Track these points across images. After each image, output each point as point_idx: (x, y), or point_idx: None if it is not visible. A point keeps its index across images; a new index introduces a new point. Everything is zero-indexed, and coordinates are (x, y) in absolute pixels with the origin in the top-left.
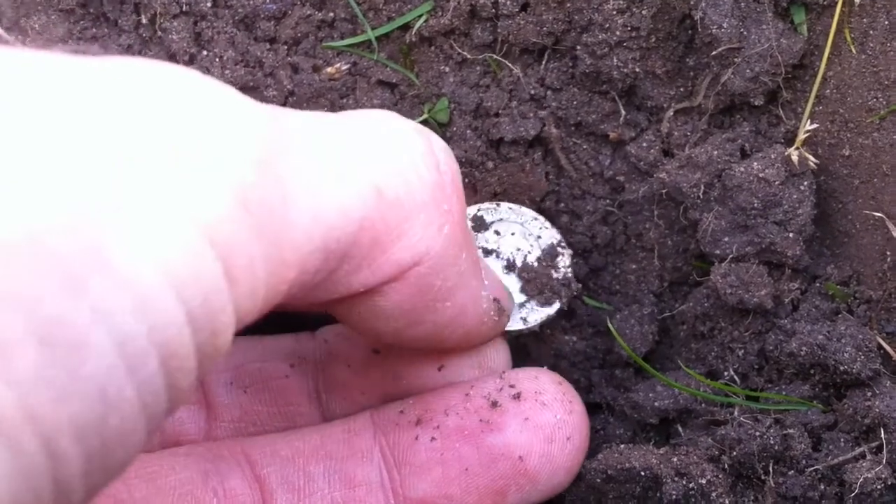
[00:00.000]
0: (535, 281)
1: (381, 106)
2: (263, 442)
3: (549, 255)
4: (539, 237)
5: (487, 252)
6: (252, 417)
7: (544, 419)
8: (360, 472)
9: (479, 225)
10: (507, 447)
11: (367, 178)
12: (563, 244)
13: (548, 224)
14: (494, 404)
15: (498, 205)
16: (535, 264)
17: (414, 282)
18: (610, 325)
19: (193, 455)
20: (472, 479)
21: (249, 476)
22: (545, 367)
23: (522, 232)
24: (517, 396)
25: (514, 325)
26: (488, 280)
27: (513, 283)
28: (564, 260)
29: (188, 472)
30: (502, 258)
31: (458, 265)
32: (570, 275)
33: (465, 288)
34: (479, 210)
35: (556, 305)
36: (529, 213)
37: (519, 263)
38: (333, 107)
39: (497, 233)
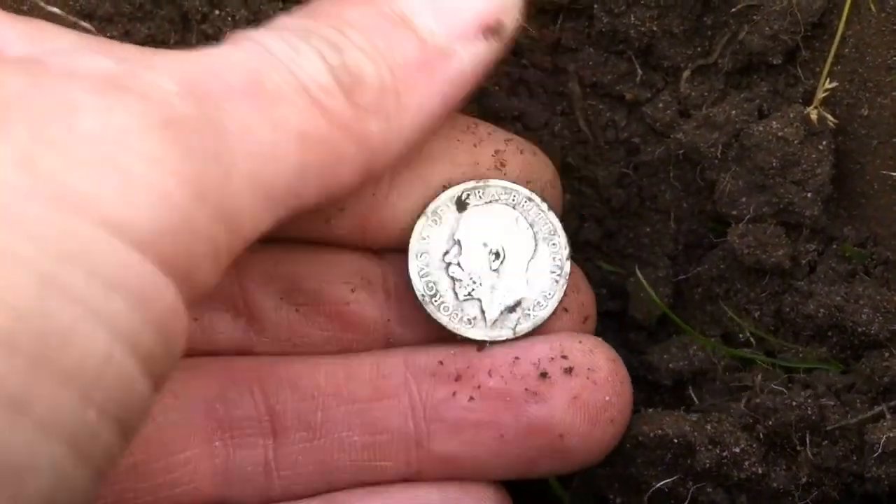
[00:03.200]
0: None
1: None
2: (283, 369)
3: (541, 254)
4: (532, 225)
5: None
6: (302, 339)
7: (593, 400)
8: (384, 419)
9: (463, 209)
10: (550, 423)
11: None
12: (559, 232)
13: (544, 206)
14: (543, 375)
15: (487, 183)
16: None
17: (375, 143)
18: (638, 274)
19: (203, 374)
20: (505, 447)
21: (262, 407)
22: (600, 339)
23: (514, 217)
24: (569, 371)
25: (504, 333)
26: (457, 26)
27: (505, 279)
28: (560, 252)
29: (192, 396)
30: (491, 251)
31: (407, 113)
32: (566, 268)
33: (432, 100)
34: (463, 192)
35: (553, 303)
36: (524, 192)
37: (509, 266)
38: None
39: (483, 221)
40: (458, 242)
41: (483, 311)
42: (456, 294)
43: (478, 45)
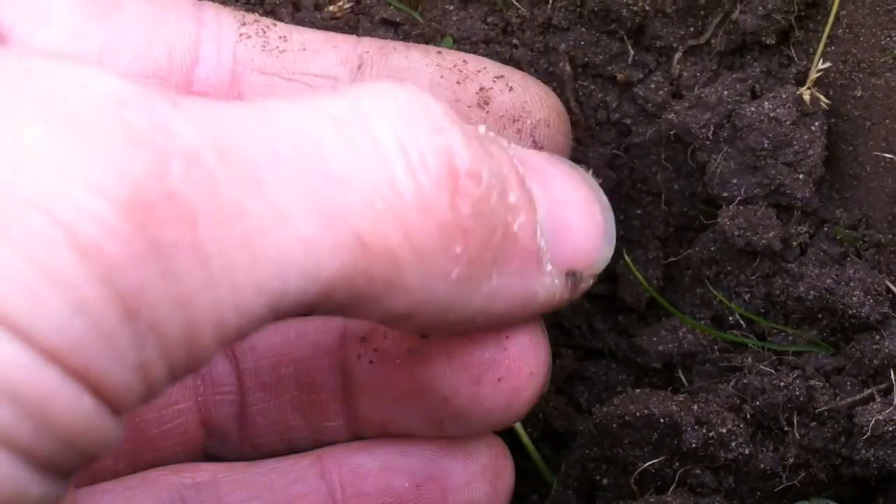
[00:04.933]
0: None
1: None
2: None
3: None
4: None
5: None
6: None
7: (471, 359)
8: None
9: None
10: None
11: (344, 224)
12: None
13: None
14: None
15: None
16: None
17: (420, 323)
18: (626, 258)
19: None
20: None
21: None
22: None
23: None
24: None
25: None
26: (561, 252)
27: None
28: None
29: None
30: None
31: (480, 293)
32: None
33: (502, 300)
34: None
35: None
36: None
37: None
38: None
39: None
40: None
41: None
42: None
43: (559, 278)
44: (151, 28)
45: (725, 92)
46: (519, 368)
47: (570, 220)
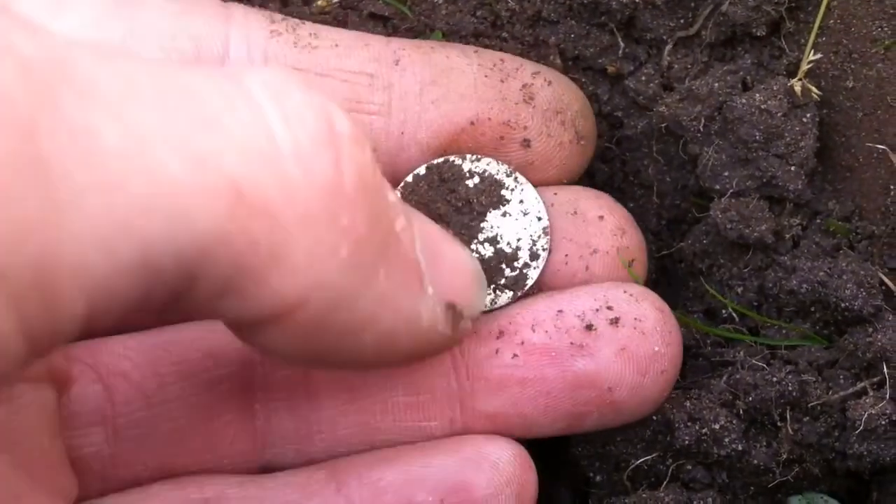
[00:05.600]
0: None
1: None
2: None
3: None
4: (522, 201)
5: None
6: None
7: (642, 351)
8: (425, 378)
9: (457, 176)
10: (597, 376)
11: (216, 169)
12: (542, 212)
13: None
14: (589, 327)
15: (478, 158)
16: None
17: (308, 319)
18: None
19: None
20: (552, 403)
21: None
22: (647, 288)
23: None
24: (615, 321)
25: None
26: (438, 279)
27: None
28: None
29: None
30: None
31: (370, 291)
32: (541, 251)
33: (389, 311)
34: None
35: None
36: (503, 168)
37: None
38: None
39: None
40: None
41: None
42: None
43: (440, 306)
44: (176, 22)
45: (716, 84)
46: (677, 362)
47: (442, 249)
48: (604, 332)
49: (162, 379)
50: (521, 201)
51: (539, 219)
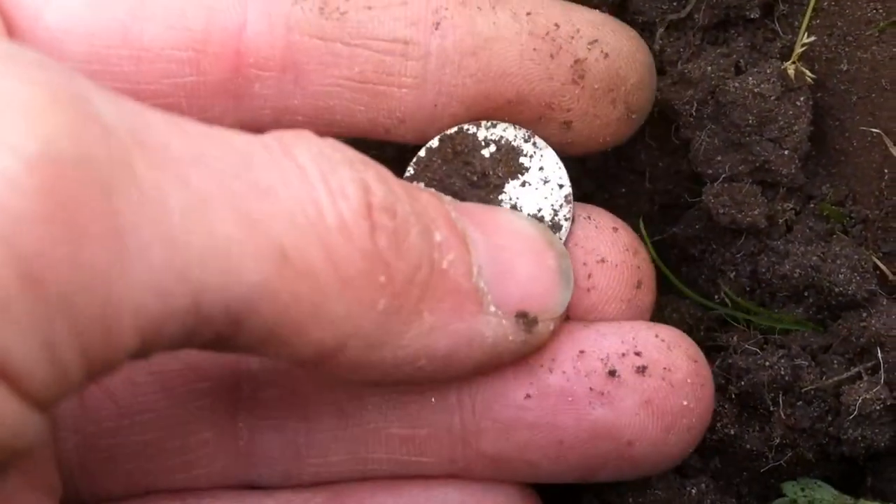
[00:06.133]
0: None
1: None
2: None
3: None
4: (542, 168)
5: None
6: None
7: (668, 404)
8: (425, 412)
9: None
10: (617, 428)
11: (267, 233)
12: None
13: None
14: (612, 373)
15: (494, 124)
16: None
17: (350, 360)
18: (641, 227)
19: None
20: (564, 452)
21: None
22: (681, 331)
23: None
24: (642, 370)
25: None
26: (506, 294)
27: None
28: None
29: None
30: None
31: (413, 329)
32: (563, 221)
33: (443, 339)
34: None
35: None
36: (521, 133)
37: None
38: None
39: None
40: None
41: None
42: None
43: (507, 320)
44: None
45: (709, 67)
46: (706, 418)
47: (515, 264)
48: (628, 380)
49: (136, 388)
50: (542, 168)
51: (560, 186)
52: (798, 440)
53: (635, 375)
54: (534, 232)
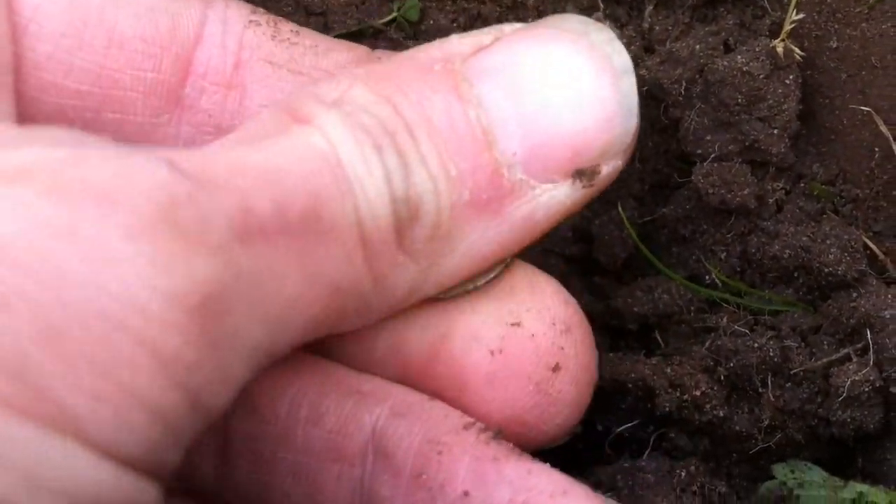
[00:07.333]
0: None
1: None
2: None
3: None
4: None
5: None
6: None
7: None
8: None
9: None
10: None
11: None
12: None
13: None
14: None
15: None
16: None
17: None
18: (620, 210)
19: None
20: None
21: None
22: (576, 480)
23: None
24: None
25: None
26: (548, 165)
27: None
28: None
29: None
30: None
31: (454, 252)
32: None
33: (490, 245)
34: None
35: None
36: None
37: None
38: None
39: None
40: None
41: None
42: None
43: (561, 188)
44: None
45: (697, 46)
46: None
47: (558, 117)
48: None
49: None
50: None
51: None
52: (787, 422)
53: None
54: (591, 53)
